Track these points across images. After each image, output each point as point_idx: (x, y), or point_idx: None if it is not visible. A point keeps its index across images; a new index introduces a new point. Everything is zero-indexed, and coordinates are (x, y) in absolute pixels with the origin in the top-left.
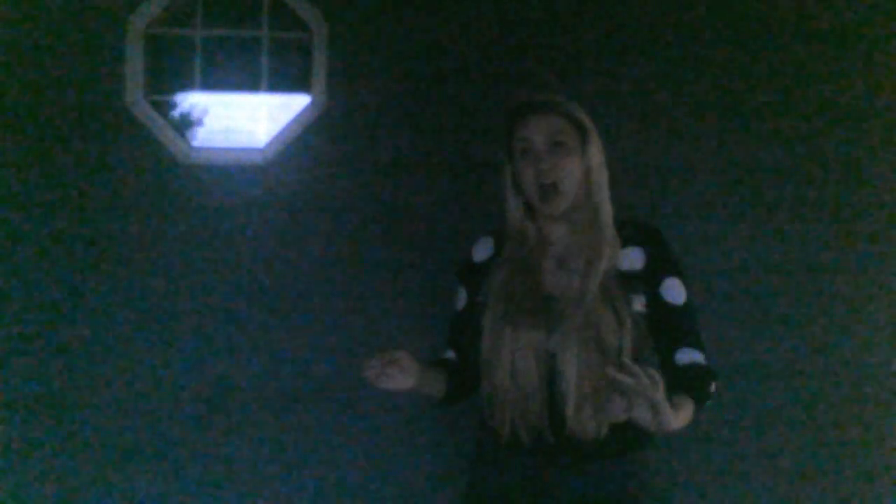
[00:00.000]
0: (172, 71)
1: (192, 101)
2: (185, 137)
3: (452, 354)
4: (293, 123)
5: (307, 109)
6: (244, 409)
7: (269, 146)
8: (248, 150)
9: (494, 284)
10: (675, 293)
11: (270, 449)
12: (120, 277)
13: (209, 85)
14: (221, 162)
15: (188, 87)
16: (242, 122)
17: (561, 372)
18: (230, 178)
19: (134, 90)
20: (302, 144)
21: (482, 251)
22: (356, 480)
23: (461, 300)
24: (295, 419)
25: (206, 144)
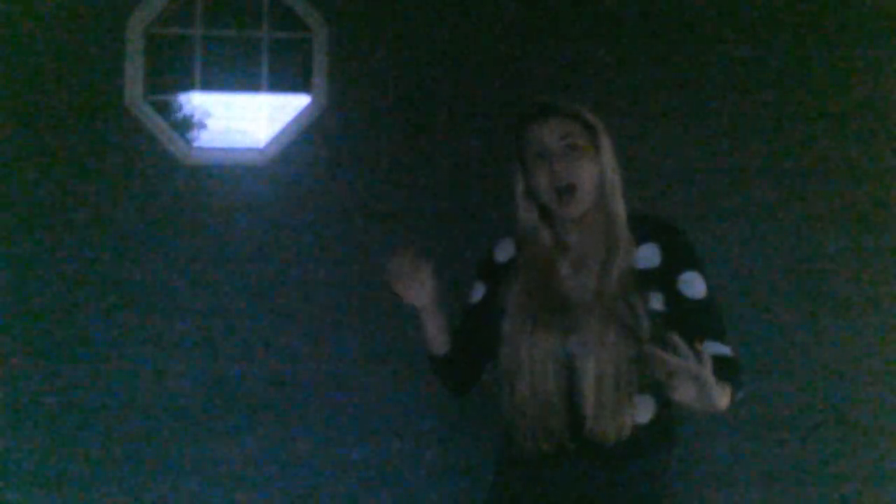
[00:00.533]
0: (172, 71)
1: (192, 101)
2: (185, 137)
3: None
4: (293, 124)
5: (307, 110)
6: (244, 408)
7: (268, 146)
8: (247, 150)
9: (511, 292)
10: (694, 287)
11: (271, 448)
12: (120, 277)
13: (209, 85)
14: (221, 162)
15: (188, 87)
16: (242, 122)
17: (579, 375)
18: (230, 178)
19: (134, 90)
20: (302, 145)
21: (504, 252)
22: (357, 480)
23: (477, 294)
24: (295, 418)
25: (205, 145)
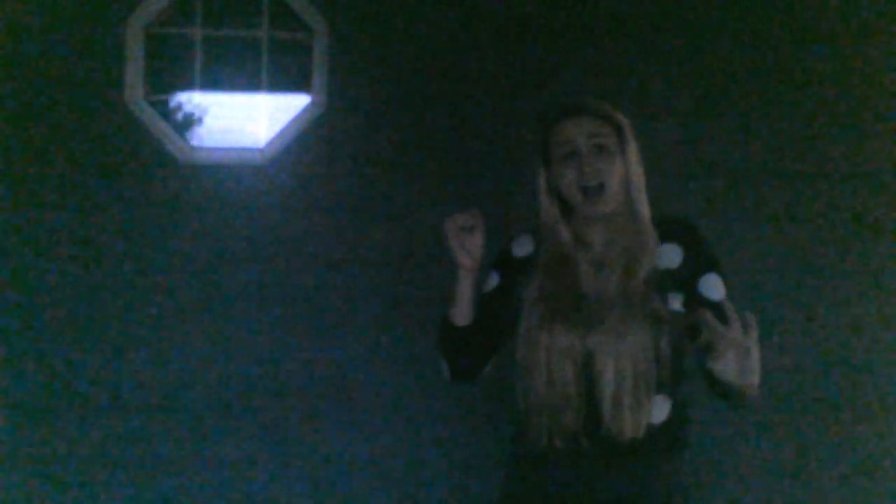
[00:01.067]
0: (172, 71)
1: (192, 100)
2: (184, 137)
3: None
4: (293, 123)
5: (307, 109)
6: (245, 408)
7: (268, 146)
8: (247, 150)
9: (529, 289)
10: (714, 289)
11: (271, 448)
12: (120, 276)
13: (209, 85)
14: (221, 162)
15: (188, 86)
16: (242, 122)
17: (598, 373)
18: (230, 177)
19: (134, 90)
20: (302, 144)
21: (522, 247)
22: (357, 480)
23: (492, 283)
24: (296, 418)
25: (205, 144)
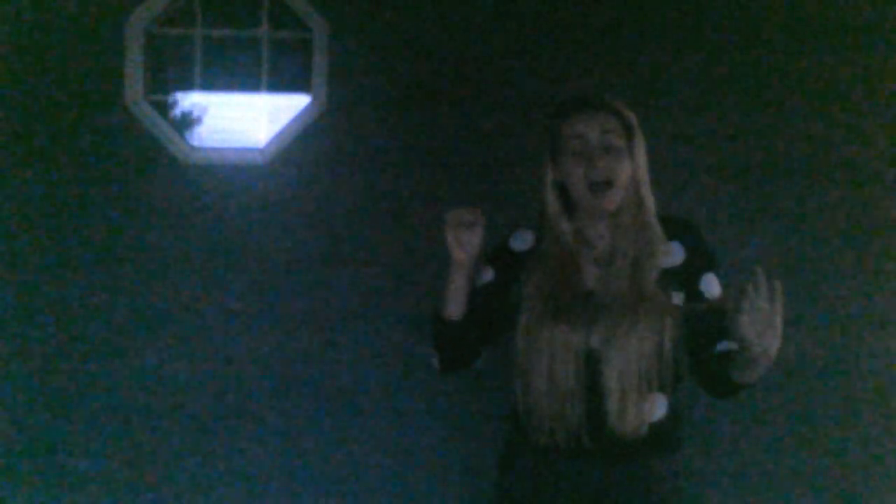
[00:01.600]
0: (172, 71)
1: (191, 100)
2: (184, 137)
3: None
4: (293, 123)
5: (307, 109)
6: (245, 407)
7: (268, 146)
8: (247, 150)
9: (530, 284)
10: (713, 288)
11: (271, 449)
12: (119, 277)
13: (209, 85)
14: (221, 162)
15: (188, 86)
16: (242, 122)
17: (602, 370)
18: (230, 178)
19: (134, 90)
20: (302, 144)
21: (521, 241)
22: (358, 480)
23: (486, 277)
24: (296, 418)
25: (205, 144)
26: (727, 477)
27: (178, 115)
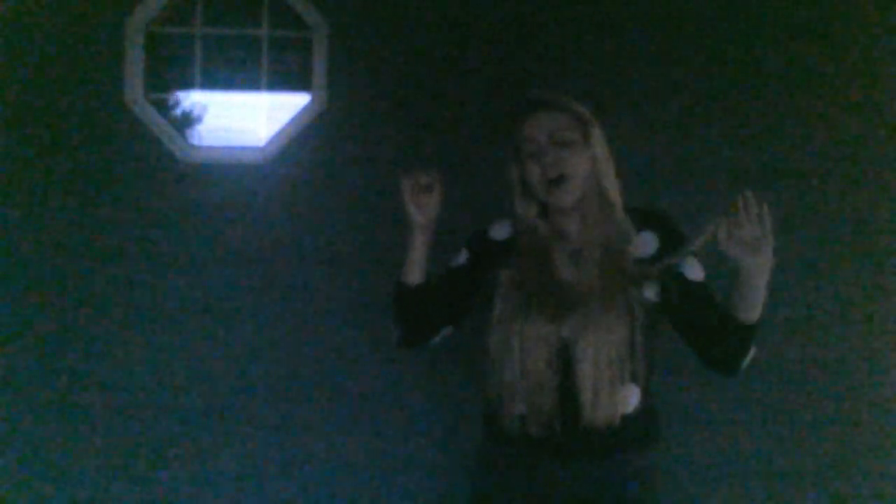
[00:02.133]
0: (172, 69)
1: (192, 99)
2: (184, 136)
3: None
4: (293, 122)
5: (307, 108)
6: (245, 407)
7: (268, 145)
8: (247, 148)
9: (504, 276)
10: (695, 270)
11: (271, 448)
12: (120, 276)
13: (209, 83)
14: (221, 161)
15: (188, 85)
16: (242, 120)
17: (575, 361)
18: (230, 176)
19: (134, 89)
20: (302, 143)
21: (501, 230)
22: (357, 480)
23: (459, 259)
24: (296, 418)
25: (205, 143)
26: (728, 476)
27: (178, 113)
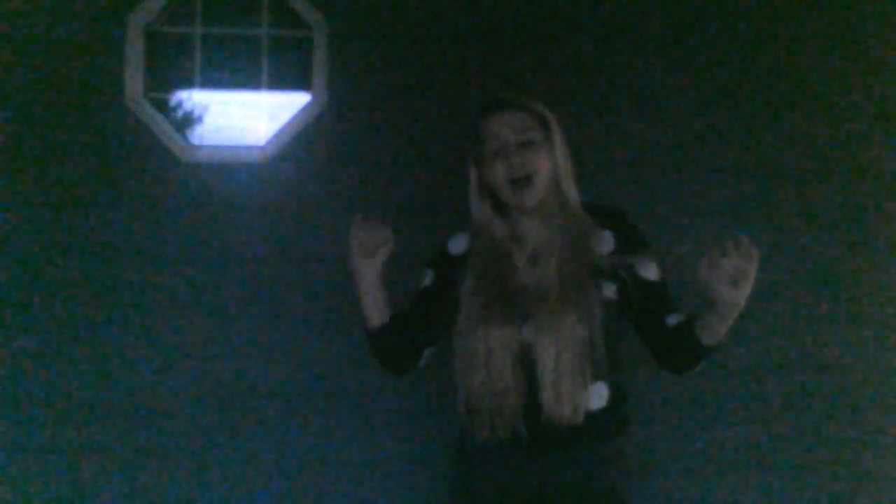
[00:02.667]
0: (173, 69)
1: (192, 98)
2: (185, 136)
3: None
4: (293, 121)
5: (307, 108)
6: (245, 407)
7: (269, 144)
8: (248, 148)
9: (465, 284)
10: (650, 270)
11: (271, 448)
12: (120, 275)
13: (209, 83)
14: (221, 160)
15: (188, 85)
16: (242, 120)
17: (536, 362)
18: (230, 175)
19: (134, 88)
20: (302, 142)
21: (458, 245)
22: (357, 480)
23: (426, 279)
24: (296, 419)
25: (206, 142)
26: (728, 474)
27: (178, 113)
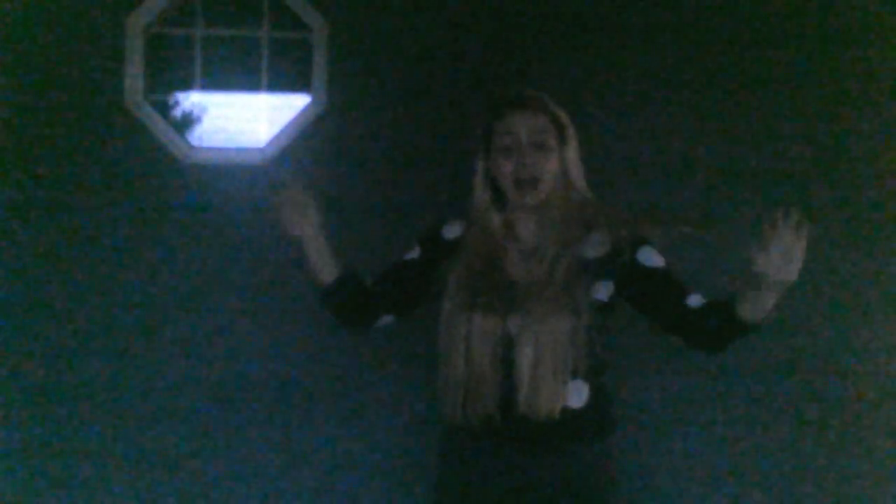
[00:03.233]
0: (172, 70)
1: (192, 100)
2: (184, 137)
3: (371, 280)
4: (293, 123)
5: (307, 109)
6: (245, 407)
7: (269, 146)
8: (248, 149)
9: (453, 273)
10: (653, 258)
11: (271, 448)
12: (120, 277)
13: (209, 84)
14: (221, 162)
15: (188, 86)
16: (242, 121)
17: (517, 355)
18: (230, 177)
19: (134, 90)
20: (302, 144)
21: (452, 231)
22: (357, 480)
23: (412, 253)
24: (296, 418)
25: (206, 144)
26: (727, 475)
27: (178, 114)
